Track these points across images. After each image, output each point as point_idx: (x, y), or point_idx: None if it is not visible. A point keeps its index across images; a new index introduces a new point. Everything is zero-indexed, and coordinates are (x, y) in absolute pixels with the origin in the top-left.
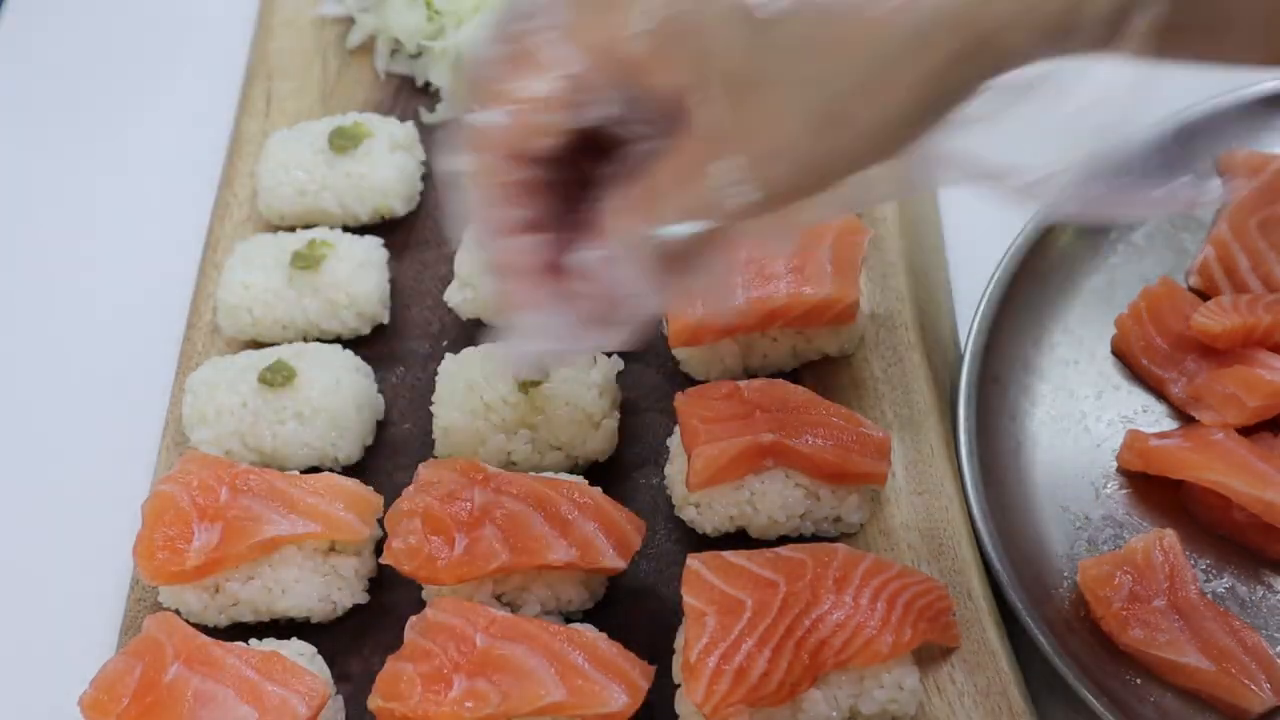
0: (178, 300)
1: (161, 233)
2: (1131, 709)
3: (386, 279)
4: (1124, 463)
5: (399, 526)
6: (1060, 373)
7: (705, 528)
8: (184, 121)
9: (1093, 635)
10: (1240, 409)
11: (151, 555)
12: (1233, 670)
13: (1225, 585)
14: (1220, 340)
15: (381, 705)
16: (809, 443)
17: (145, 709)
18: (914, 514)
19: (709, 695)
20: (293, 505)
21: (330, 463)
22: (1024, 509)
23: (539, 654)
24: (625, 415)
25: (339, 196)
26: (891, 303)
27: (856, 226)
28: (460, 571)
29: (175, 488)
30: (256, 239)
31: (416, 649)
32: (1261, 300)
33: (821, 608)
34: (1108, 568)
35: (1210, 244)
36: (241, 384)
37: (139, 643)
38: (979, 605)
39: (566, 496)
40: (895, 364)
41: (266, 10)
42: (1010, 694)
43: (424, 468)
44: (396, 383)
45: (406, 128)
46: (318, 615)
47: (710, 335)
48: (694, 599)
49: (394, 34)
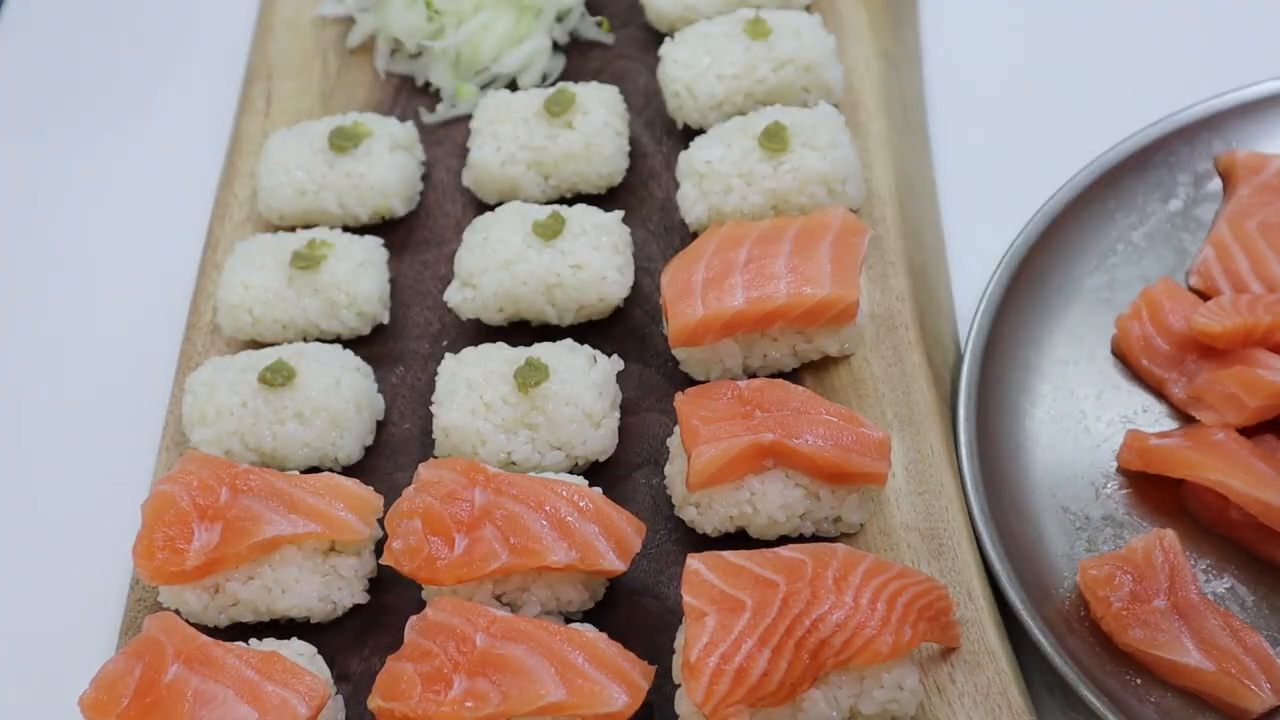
0: (178, 300)
1: (161, 233)
2: (1131, 709)
3: (386, 279)
4: (1124, 462)
5: (399, 527)
6: (1060, 373)
7: (705, 528)
8: (184, 121)
9: (1093, 635)
10: (1241, 409)
11: (151, 555)
12: (1233, 670)
13: (1225, 585)
14: (1220, 340)
15: (381, 705)
16: (809, 443)
17: (145, 709)
18: (914, 514)
19: (709, 695)
20: (293, 505)
21: (330, 463)
22: (1024, 509)
23: (539, 654)
24: (625, 415)
25: (339, 196)
26: (891, 303)
27: (856, 226)
28: (460, 572)
29: (175, 488)
30: (256, 239)
31: (416, 649)
32: (1261, 300)
33: (821, 608)
34: (1108, 568)
35: (1210, 244)
36: (241, 384)
37: (139, 643)
38: (979, 605)
39: (567, 498)
40: (895, 364)
41: (266, 10)
42: (1010, 694)
43: (424, 468)
44: (396, 383)
45: (406, 128)
46: (318, 615)
47: (710, 335)
48: (694, 599)
49: (394, 34)
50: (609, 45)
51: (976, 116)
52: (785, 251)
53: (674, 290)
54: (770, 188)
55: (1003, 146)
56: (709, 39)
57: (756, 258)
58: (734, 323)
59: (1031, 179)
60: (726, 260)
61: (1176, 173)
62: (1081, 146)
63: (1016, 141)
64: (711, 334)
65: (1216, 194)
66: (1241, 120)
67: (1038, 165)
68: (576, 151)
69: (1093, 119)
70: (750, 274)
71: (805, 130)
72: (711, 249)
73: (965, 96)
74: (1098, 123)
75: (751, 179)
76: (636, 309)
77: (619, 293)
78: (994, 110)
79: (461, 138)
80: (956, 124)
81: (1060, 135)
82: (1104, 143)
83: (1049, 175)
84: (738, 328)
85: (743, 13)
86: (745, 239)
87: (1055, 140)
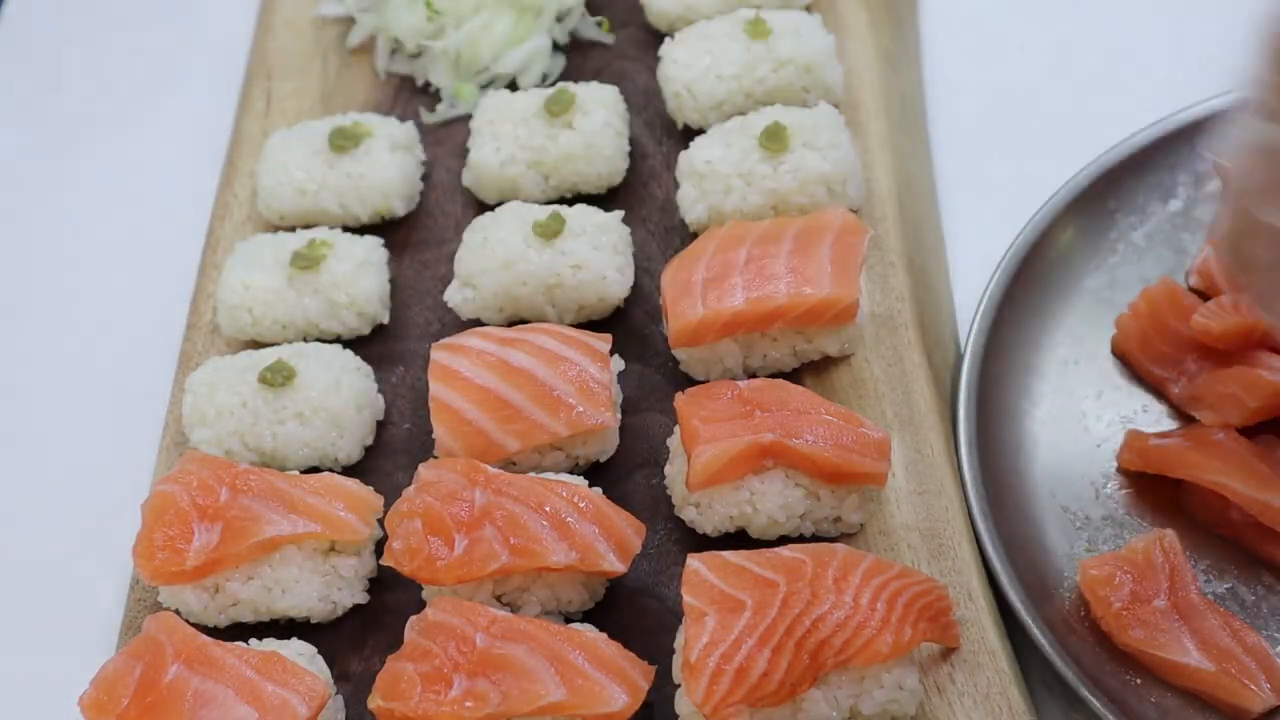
0: (178, 300)
1: (161, 233)
2: (1131, 709)
3: (386, 279)
4: (1124, 462)
5: (399, 527)
6: (1060, 373)
7: (705, 528)
8: (184, 121)
9: (1093, 635)
10: (1241, 409)
11: (151, 555)
12: (1233, 671)
13: (1226, 586)
14: (1220, 340)
15: (381, 705)
16: (809, 443)
17: (145, 709)
18: (914, 514)
19: (709, 695)
20: (293, 505)
21: (330, 463)
22: (1024, 509)
23: (539, 654)
24: (625, 415)
25: (339, 196)
26: (891, 303)
27: (856, 226)
28: (460, 572)
29: (175, 488)
30: (256, 239)
31: (416, 649)
32: None
33: (821, 608)
34: (1108, 568)
35: (1210, 244)
36: (241, 384)
37: (139, 643)
38: (979, 605)
39: (567, 499)
40: (895, 364)
41: (266, 10)
42: (1010, 694)
43: (424, 468)
44: (396, 383)
45: (406, 128)
46: (318, 615)
47: (710, 335)
48: (694, 599)
49: (394, 34)
50: (609, 45)
51: (976, 116)
52: (785, 252)
53: (674, 290)
54: (770, 188)
55: (1003, 146)
56: (709, 39)
57: (756, 258)
58: (734, 323)
59: (1031, 179)
60: (726, 260)
61: (1176, 173)
62: (1081, 146)
63: (1016, 141)
64: (711, 334)
65: (1216, 194)
66: None
67: (1038, 165)
68: (576, 152)
69: (1093, 119)
70: (750, 274)
71: (805, 130)
72: (711, 249)
73: (965, 96)
74: (1098, 123)
75: (751, 179)
76: (636, 309)
77: (619, 293)
78: (994, 110)
79: (461, 138)
80: (956, 124)
81: (1060, 135)
82: (1104, 143)
83: (1049, 175)
84: (738, 328)
85: (743, 13)
86: (745, 239)
87: (1055, 140)
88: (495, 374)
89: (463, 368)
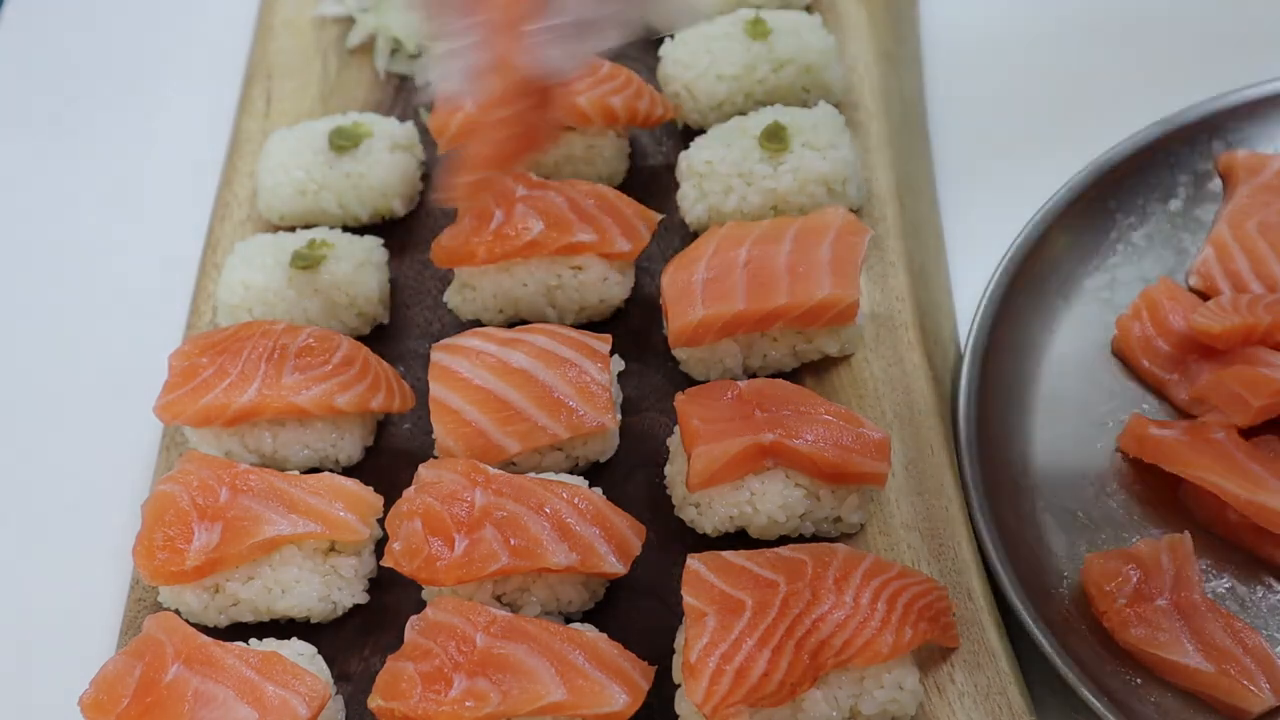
0: (178, 300)
1: (161, 233)
2: (1131, 709)
3: (386, 279)
4: (1123, 445)
5: (399, 528)
6: (1060, 373)
7: (705, 528)
8: (184, 121)
9: (1093, 635)
10: (1245, 408)
11: (151, 555)
12: (1233, 671)
13: (1225, 585)
14: (1221, 340)
15: (381, 705)
16: (809, 443)
17: (145, 709)
18: (914, 514)
19: (709, 695)
20: (293, 505)
21: (330, 463)
22: (1024, 509)
23: (539, 654)
24: (625, 415)
25: (339, 196)
26: (891, 303)
27: (856, 227)
28: (460, 573)
29: (175, 488)
30: (256, 239)
31: (416, 648)
32: (1261, 300)
33: (821, 608)
34: (1114, 563)
35: (1210, 244)
36: None
37: (139, 643)
38: (979, 605)
39: (567, 500)
40: (895, 364)
41: (266, 10)
42: (1010, 694)
43: (424, 468)
44: None
45: (406, 128)
46: (318, 615)
47: (710, 336)
48: (694, 599)
49: (394, 34)
50: None
51: (976, 116)
52: (785, 252)
53: (674, 291)
54: (770, 188)
55: (1003, 146)
56: (709, 39)
57: (756, 258)
58: (734, 323)
59: (1031, 179)
60: (726, 260)
61: (1176, 173)
62: (1081, 146)
63: (1016, 141)
64: (711, 334)
65: (1216, 194)
66: (1241, 120)
67: (1038, 165)
68: (576, 153)
69: (1093, 119)
70: (750, 274)
71: (805, 130)
72: (711, 249)
73: (965, 96)
74: (1098, 123)
75: (751, 179)
76: (636, 309)
77: (619, 294)
78: (994, 110)
79: None
80: (956, 124)
81: (1060, 135)
82: (1104, 143)
83: (1049, 175)
84: (738, 328)
85: (743, 13)
86: (745, 239)
87: (1055, 140)
88: (495, 375)
89: (463, 368)
